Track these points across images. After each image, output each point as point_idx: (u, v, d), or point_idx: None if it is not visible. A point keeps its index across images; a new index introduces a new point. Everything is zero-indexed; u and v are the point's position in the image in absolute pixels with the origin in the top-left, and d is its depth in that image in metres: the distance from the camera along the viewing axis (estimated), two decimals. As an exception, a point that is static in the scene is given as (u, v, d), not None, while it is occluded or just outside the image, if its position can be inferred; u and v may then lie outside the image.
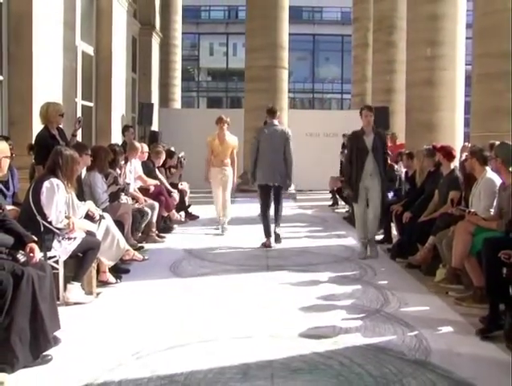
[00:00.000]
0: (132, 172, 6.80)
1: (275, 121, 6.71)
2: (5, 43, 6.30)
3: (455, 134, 9.31)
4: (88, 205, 4.62)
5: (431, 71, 9.27)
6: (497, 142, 4.75)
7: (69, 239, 4.03)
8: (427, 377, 2.87)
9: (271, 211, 6.88)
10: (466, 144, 6.31)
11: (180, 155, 9.02)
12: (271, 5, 12.78)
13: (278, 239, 6.72)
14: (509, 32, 6.25)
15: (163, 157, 7.89)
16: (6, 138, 4.61)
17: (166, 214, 7.52)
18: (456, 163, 5.82)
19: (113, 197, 5.72)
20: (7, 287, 2.76)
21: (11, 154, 3.14)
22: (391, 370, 2.95)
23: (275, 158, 6.49)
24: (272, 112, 6.72)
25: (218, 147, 7.44)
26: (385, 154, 6.07)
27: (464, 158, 6.09)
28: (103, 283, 4.64)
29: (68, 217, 4.10)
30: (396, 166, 7.92)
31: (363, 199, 5.98)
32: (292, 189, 12.82)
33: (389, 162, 6.55)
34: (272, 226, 6.72)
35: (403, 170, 7.50)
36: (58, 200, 3.98)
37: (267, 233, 6.61)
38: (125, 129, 9.04)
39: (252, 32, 13.06)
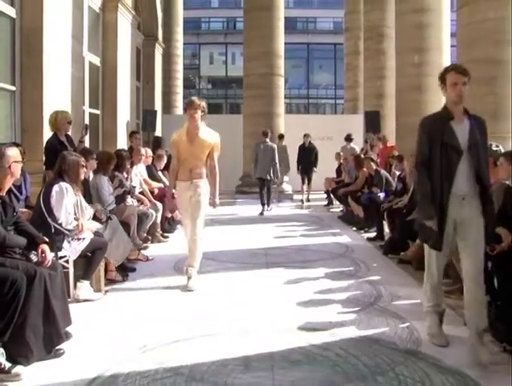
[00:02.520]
0: (138, 175, 6.81)
1: (267, 140, 10.03)
2: (18, 55, 6.32)
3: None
4: (96, 207, 4.63)
5: (419, 77, 9.29)
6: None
7: (78, 239, 4.03)
8: (418, 366, 2.87)
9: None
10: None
11: None
12: (268, 16, 12.79)
13: (268, 210, 10.03)
14: (491, 40, 6.29)
15: (165, 160, 7.89)
16: (17, 145, 4.62)
17: (169, 215, 7.52)
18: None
19: (120, 199, 5.73)
20: (21, 286, 2.76)
21: (22, 159, 3.15)
22: (384, 360, 2.96)
23: (266, 163, 9.84)
24: (265, 134, 10.04)
25: (186, 148, 4.64)
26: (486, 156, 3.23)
27: None
28: (111, 281, 4.64)
29: (76, 219, 4.11)
30: (382, 171, 7.84)
31: (448, 242, 3.15)
32: (289, 190, 12.87)
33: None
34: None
35: (397, 172, 7.44)
36: (67, 203, 3.99)
37: (262, 205, 9.88)
38: (131, 134, 9.03)
39: (250, 42, 13.07)
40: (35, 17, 6.32)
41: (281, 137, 11.79)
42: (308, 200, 11.73)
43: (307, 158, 11.55)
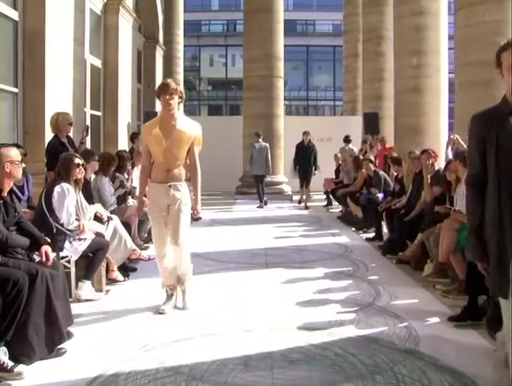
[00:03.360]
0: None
1: (260, 140, 11.14)
2: (20, 57, 6.33)
3: (440, 138, 9.33)
4: (97, 207, 4.63)
5: (417, 79, 9.29)
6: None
7: (80, 240, 4.04)
8: (416, 365, 2.88)
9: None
10: (452, 136, 5.81)
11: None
12: (267, 18, 12.80)
13: (265, 204, 11.02)
14: (487, 42, 6.29)
15: None
16: (19, 146, 4.62)
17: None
18: (440, 164, 5.83)
19: (121, 200, 5.73)
20: (24, 285, 2.77)
21: (21, 160, 3.14)
22: (383, 359, 2.96)
23: (260, 160, 10.95)
24: (258, 135, 11.16)
25: (161, 143, 3.69)
26: None
27: (449, 154, 5.87)
28: (112, 281, 4.64)
29: (78, 219, 4.11)
30: (381, 172, 7.83)
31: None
32: (289, 191, 12.87)
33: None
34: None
35: (395, 173, 7.43)
36: (68, 204, 3.99)
37: (260, 200, 10.94)
38: (133, 136, 8.99)
39: (249, 44, 13.07)
40: (38, 20, 6.33)
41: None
42: (307, 207, 10.72)
43: (306, 157, 10.84)
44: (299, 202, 11.30)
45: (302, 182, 11.06)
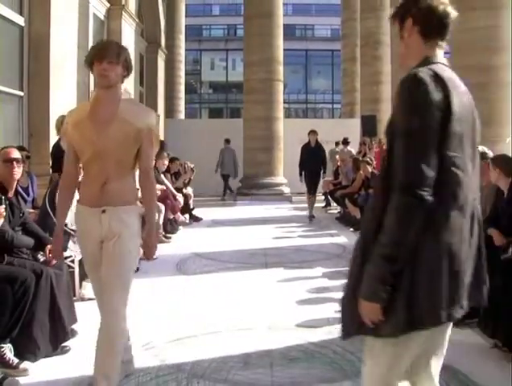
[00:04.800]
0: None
1: (229, 145, 12.84)
2: (26, 61, 6.35)
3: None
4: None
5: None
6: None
7: (84, 240, 4.02)
8: (412, 363, 2.88)
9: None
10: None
11: (192, 166, 9.14)
12: (267, 23, 12.82)
13: (224, 196, 12.19)
14: (482, 47, 6.32)
15: (166, 162, 7.88)
16: (23, 148, 4.63)
17: (171, 216, 7.54)
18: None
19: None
20: (30, 284, 2.78)
21: (23, 161, 3.16)
22: (380, 357, 2.96)
23: (229, 162, 12.77)
24: (227, 141, 12.76)
25: (90, 140, 2.28)
26: None
27: None
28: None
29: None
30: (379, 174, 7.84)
31: None
32: (288, 192, 12.88)
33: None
34: None
35: None
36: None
37: (228, 190, 12.23)
38: None
39: (250, 48, 13.10)
40: (42, 25, 6.35)
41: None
42: (313, 216, 9.08)
43: (314, 160, 8.95)
44: (310, 218, 9.02)
45: (309, 188, 9.16)
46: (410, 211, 1.37)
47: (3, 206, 2.85)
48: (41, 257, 3.12)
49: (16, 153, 3.19)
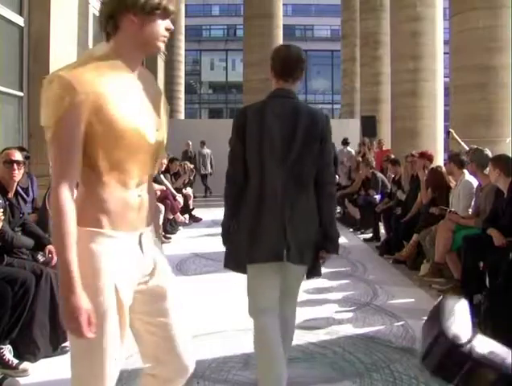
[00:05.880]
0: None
1: (205, 146, 13.07)
2: (25, 62, 6.35)
3: (436, 140, 9.36)
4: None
5: (414, 83, 9.31)
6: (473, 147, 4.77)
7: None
8: (412, 362, 2.88)
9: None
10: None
11: (192, 166, 9.20)
12: (267, 24, 12.83)
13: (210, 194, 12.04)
14: (481, 47, 6.32)
15: (165, 163, 7.88)
16: (23, 149, 4.62)
17: (171, 216, 7.53)
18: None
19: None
20: (31, 285, 2.78)
21: (24, 162, 3.16)
22: (380, 357, 2.96)
23: (205, 162, 13.26)
24: (203, 143, 12.88)
25: (143, 127, 1.43)
26: None
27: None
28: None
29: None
30: (378, 174, 7.82)
31: None
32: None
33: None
34: None
35: (392, 174, 7.42)
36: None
37: (205, 191, 12.32)
38: None
39: (249, 48, 13.10)
40: (42, 25, 6.34)
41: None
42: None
43: None
44: None
45: None
46: None
47: (1, 209, 2.85)
48: (41, 258, 3.11)
49: (18, 156, 3.19)
